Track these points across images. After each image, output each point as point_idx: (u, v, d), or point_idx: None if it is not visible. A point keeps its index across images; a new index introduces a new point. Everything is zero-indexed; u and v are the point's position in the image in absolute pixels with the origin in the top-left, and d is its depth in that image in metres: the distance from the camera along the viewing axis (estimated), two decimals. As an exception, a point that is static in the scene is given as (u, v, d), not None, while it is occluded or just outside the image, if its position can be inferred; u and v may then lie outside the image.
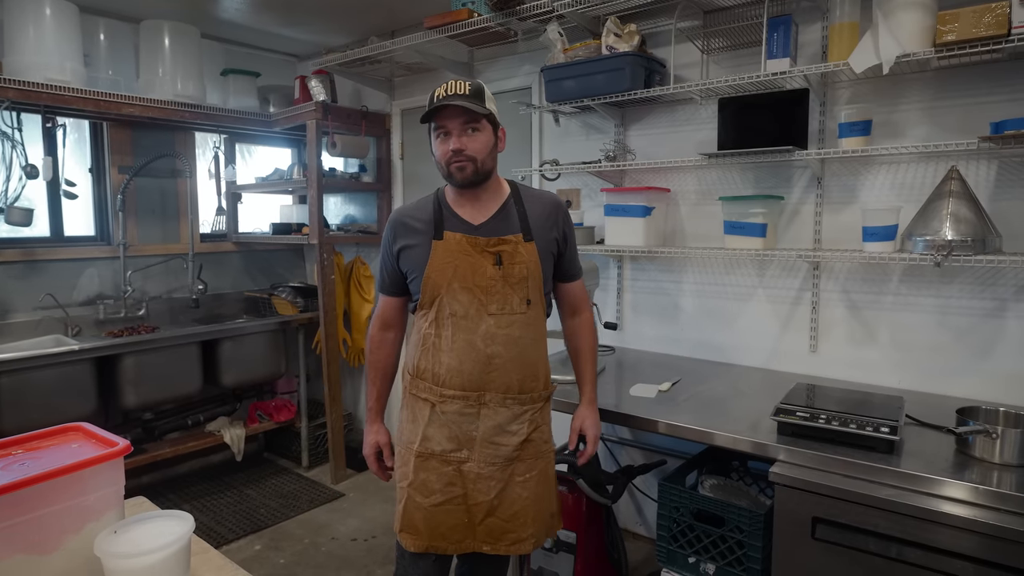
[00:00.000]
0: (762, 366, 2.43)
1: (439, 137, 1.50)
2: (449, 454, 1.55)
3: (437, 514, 1.55)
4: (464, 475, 1.55)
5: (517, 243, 1.55)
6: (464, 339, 1.52)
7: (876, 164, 2.15)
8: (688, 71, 2.51)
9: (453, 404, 1.54)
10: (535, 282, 1.56)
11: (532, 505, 1.59)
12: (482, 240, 1.53)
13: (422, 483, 1.56)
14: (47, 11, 2.79)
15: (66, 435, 1.14)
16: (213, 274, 3.74)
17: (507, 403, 1.55)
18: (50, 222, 3.25)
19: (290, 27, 3.46)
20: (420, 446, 1.56)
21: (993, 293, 1.98)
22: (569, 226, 1.68)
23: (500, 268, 1.52)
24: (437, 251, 1.53)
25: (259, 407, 3.70)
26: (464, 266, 1.52)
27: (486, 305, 1.52)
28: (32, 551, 0.95)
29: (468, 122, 1.48)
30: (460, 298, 1.51)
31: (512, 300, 1.53)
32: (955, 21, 1.72)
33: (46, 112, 2.96)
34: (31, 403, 2.64)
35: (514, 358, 1.54)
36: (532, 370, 1.59)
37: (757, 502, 2.06)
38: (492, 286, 1.52)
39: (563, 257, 1.67)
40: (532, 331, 1.58)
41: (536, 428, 1.61)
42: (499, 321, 1.52)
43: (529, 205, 1.61)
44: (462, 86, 1.48)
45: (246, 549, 2.84)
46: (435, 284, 1.52)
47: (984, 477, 1.39)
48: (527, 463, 1.59)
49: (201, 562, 1.15)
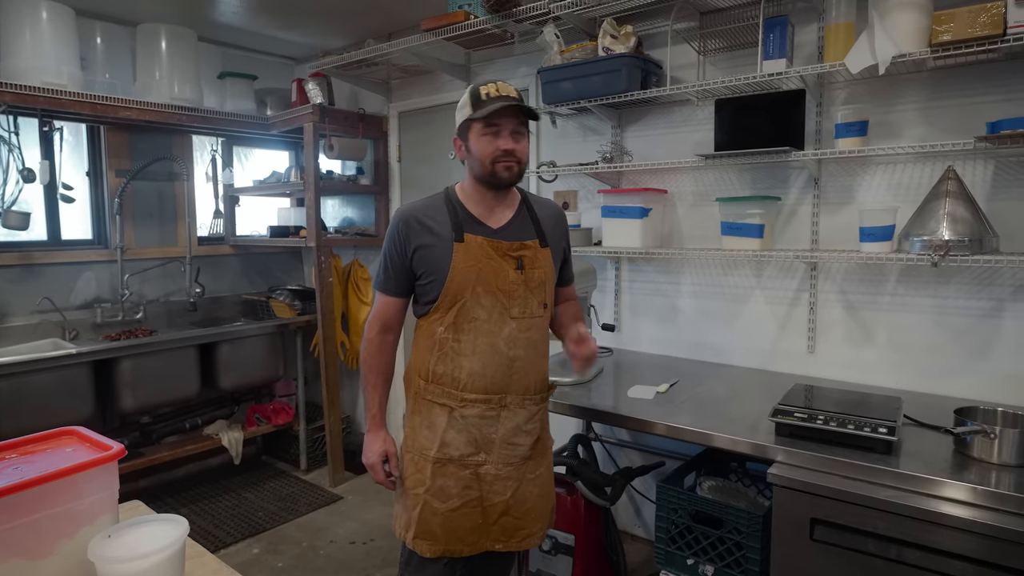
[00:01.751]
0: (760, 367, 2.42)
1: (487, 135, 1.48)
2: (467, 458, 1.55)
3: (455, 518, 1.55)
4: (481, 477, 1.56)
5: (536, 249, 1.57)
6: (487, 343, 1.52)
7: (873, 164, 2.15)
8: (685, 72, 2.51)
9: (474, 408, 1.54)
10: (550, 287, 1.61)
11: (541, 501, 1.64)
12: (504, 244, 1.54)
13: (440, 489, 1.55)
14: (43, 15, 2.78)
15: (60, 439, 1.13)
16: (211, 277, 3.73)
17: (525, 404, 1.58)
18: (47, 226, 3.24)
19: (287, 30, 3.46)
20: (438, 452, 1.55)
21: (990, 293, 1.98)
22: (569, 235, 1.74)
23: (521, 273, 1.54)
24: (459, 254, 1.51)
25: (257, 410, 3.69)
26: (487, 270, 1.51)
27: (508, 309, 1.53)
28: (26, 556, 0.94)
29: (521, 124, 1.50)
30: (483, 302, 1.51)
31: (532, 304, 1.56)
32: (951, 21, 1.72)
33: (43, 116, 2.96)
34: (28, 407, 2.63)
35: (533, 360, 1.58)
36: (544, 369, 1.65)
37: (756, 503, 2.06)
38: (514, 290, 1.53)
39: (566, 263, 1.74)
40: (545, 333, 1.64)
41: (543, 426, 1.67)
42: (520, 325, 1.54)
43: (539, 212, 1.64)
44: (511, 89, 1.50)
45: (244, 553, 2.83)
46: (459, 287, 1.51)
47: (982, 477, 1.39)
48: (537, 460, 1.63)
49: (197, 566, 1.14)
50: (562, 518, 2.23)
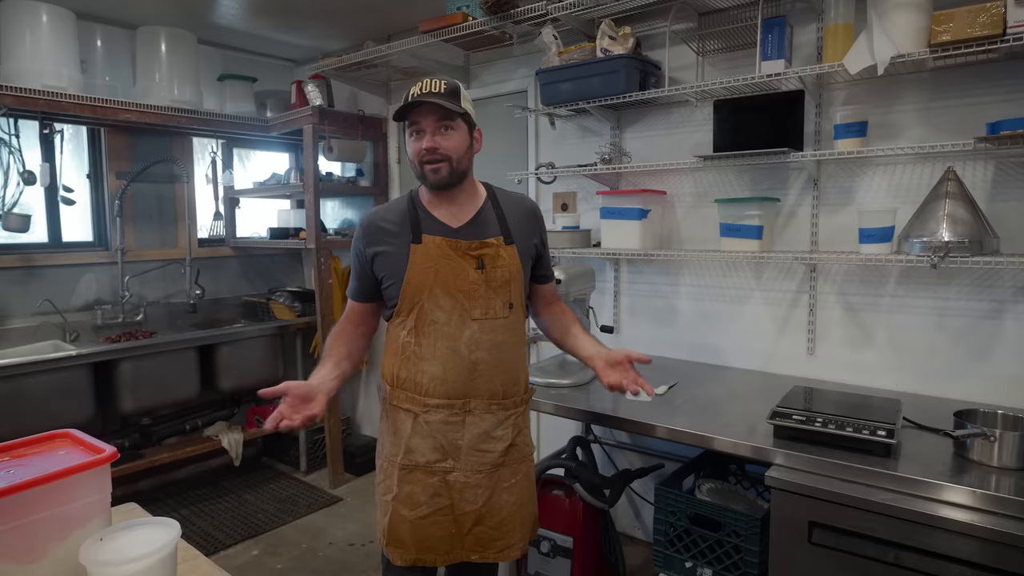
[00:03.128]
0: (759, 369, 2.41)
1: (413, 136, 1.47)
2: (434, 465, 1.51)
3: (424, 526, 1.51)
4: (450, 485, 1.51)
5: (499, 246, 1.51)
6: (447, 346, 1.48)
7: (872, 165, 2.14)
8: (683, 73, 2.51)
9: (437, 413, 1.50)
10: (516, 286, 1.54)
11: (518, 511, 1.57)
12: (463, 243, 1.49)
13: (407, 496, 1.51)
14: (43, 18, 2.79)
15: (54, 442, 1.13)
16: (211, 279, 3.74)
17: (492, 409, 1.52)
18: (48, 228, 3.25)
19: (286, 32, 3.47)
20: (404, 458, 1.52)
21: (991, 295, 1.97)
22: (544, 230, 1.67)
23: (482, 272, 1.49)
24: (416, 255, 1.48)
25: (257, 412, 3.69)
26: (445, 270, 1.47)
27: (469, 310, 1.48)
28: (17, 560, 0.94)
29: (443, 120, 1.44)
30: (442, 304, 1.47)
31: (495, 304, 1.50)
32: (950, 21, 1.71)
33: (43, 118, 2.97)
34: (29, 408, 2.63)
35: (498, 363, 1.52)
36: (514, 375, 1.57)
37: (755, 506, 2.05)
38: (475, 291, 1.48)
39: (541, 260, 1.66)
40: (514, 335, 1.55)
41: (519, 432, 1.59)
42: (483, 326, 1.49)
43: (507, 208, 1.58)
44: (437, 84, 1.44)
45: (244, 554, 2.83)
46: (415, 290, 1.48)
47: (982, 481, 1.38)
48: (512, 468, 1.56)
49: (190, 569, 1.14)
50: (561, 520, 2.22)
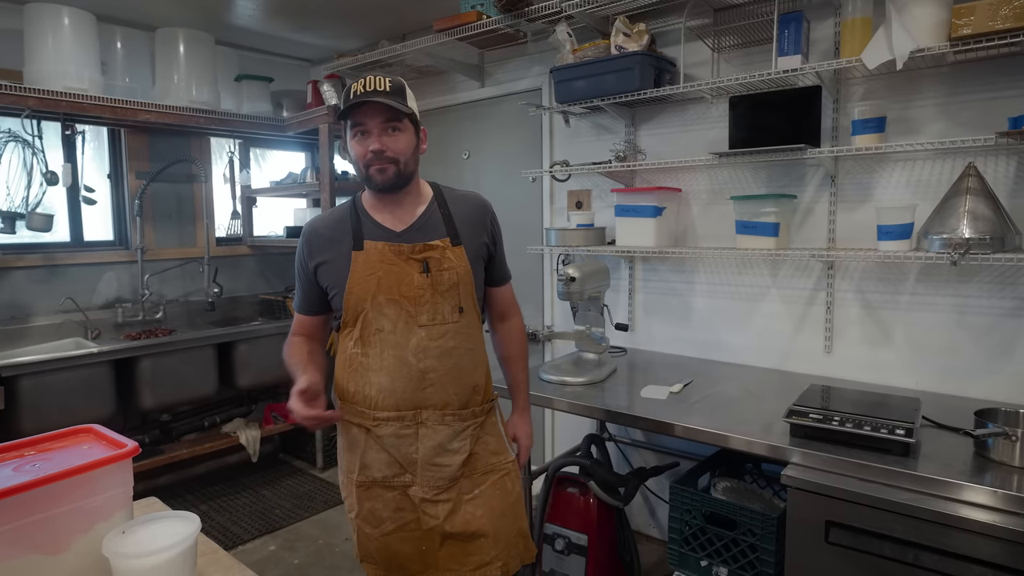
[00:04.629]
0: (775, 367, 2.39)
1: (356, 137, 1.40)
2: (392, 479, 1.45)
3: (391, 543, 1.45)
4: (412, 499, 1.45)
5: (444, 248, 1.45)
6: (394, 355, 1.41)
7: (891, 161, 2.11)
8: (698, 70, 2.49)
9: (388, 426, 1.43)
10: (466, 288, 1.47)
11: (489, 523, 1.47)
12: (406, 247, 1.42)
13: (369, 513, 1.46)
14: (65, 21, 2.84)
15: (77, 437, 1.16)
16: (229, 277, 3.79)
17: (447, 420, 1.44)
18: (70, 227, 3.31)
19: (302, 32, 3.50)
20: (360, 475, 1.46)
21: (1013, 292, 1.94)
22: (497, 227, 1.59)
23: (428, 276, 1.42)
24: (357, 262, 1.42)
25: (274, 408, 3.74)
26: (388, 277, 1.41)
27: (415, 317, 1.41)
28: (42, 551, 0.96)
29: (389, 120, 1.38)
30: (387, 311, 1.41)
31: (443, 309, 1.43)
32: (971, 14, 1.68)
33: (65, 120, 3.02)
34: (51, 405, 2.69)
35: (449, 371, 1.44)
36: (470, 381, 1.48)
37: (771, 505, 2.04)
38: (420, 296, 1.41)
39: (493, 260, 1.58)
40: (466, 340, 1.47)
41: (479, 441, 1.50)
42: (430, 333, 1.42)
43: (454, 207, 1.51)
44: (382, 82, 1.37)
45: (261, 549, 2.86)
46: (358, 298, 1.42)
47: (1003, 481, 1.36)
48: (473, 479, 1.48)
49: (209, 562, 1.16)
50: (575, 518, 2.23)
